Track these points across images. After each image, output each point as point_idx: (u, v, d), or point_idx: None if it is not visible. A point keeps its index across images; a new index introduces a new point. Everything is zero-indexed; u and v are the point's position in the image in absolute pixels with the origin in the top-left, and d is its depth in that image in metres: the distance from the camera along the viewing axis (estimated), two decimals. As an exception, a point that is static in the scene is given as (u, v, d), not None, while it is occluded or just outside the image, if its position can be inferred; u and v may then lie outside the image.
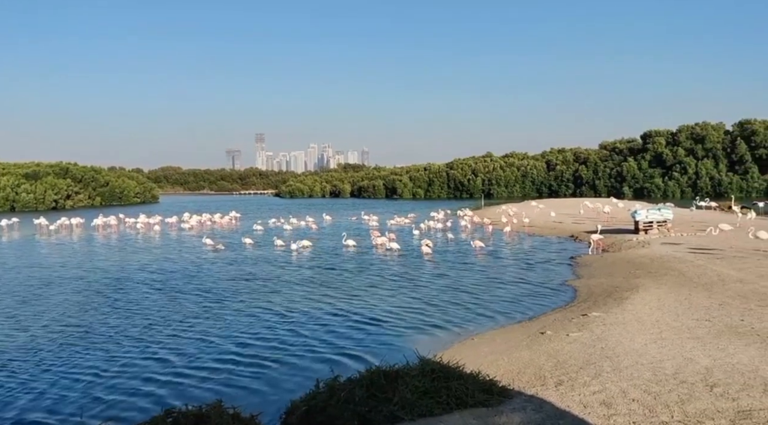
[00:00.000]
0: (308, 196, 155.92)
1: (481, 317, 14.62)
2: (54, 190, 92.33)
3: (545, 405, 7.10)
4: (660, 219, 30.13)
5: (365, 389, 6.98)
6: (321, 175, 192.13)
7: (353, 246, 30.32)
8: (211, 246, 31.95)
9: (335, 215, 61.69)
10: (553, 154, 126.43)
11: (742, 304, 12.66)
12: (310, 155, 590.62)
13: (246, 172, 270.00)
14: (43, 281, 21.64)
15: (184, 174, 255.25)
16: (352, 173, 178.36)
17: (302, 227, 46.00)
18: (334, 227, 44.33)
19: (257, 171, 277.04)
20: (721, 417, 6.48)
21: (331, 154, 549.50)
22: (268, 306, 16.53)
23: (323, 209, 71.21)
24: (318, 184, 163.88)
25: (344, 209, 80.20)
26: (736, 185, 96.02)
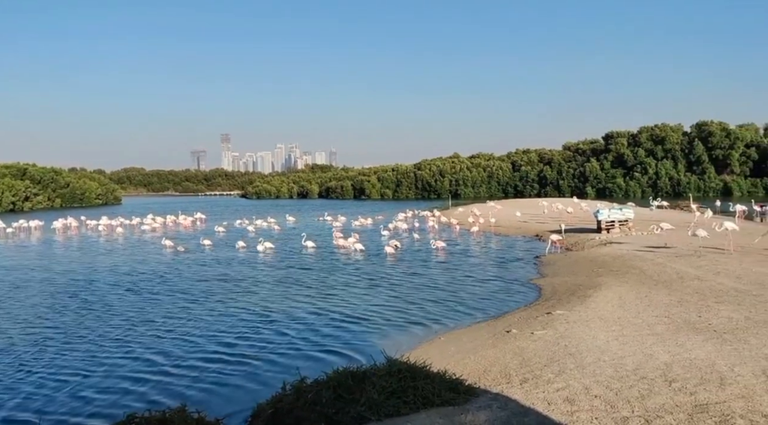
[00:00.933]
0: (275, 197, 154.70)
1: (448, 316, 14.73)
2: (11, 191, 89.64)
3: (510, 403, 7.19)
4: (621, 219, 30.83)
5: (332, 390, 6.96)
6: (288, 176, 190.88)
7: (313, 247, 30.24)
8: (171, 248, 31.57)
9: (300, 217, 61.41)
10: (518, 155, 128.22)
11: (699, 301, 13.04)
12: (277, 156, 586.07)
13: (211, 173, 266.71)
14: (7, 285, 21.03)
15: (148, 175, 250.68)
16: (320, 174, 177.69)
17: (265, 228, 45.67)
18: (297, 229, 44.08)
19: (223, 172, 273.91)
20: (680, 412, 6.66)
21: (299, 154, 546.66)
22: (232, 309, 16.36)
23: (289, 211, 70.77)
24: (285, 185, 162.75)
25: (312, 210, 79.80)
26: (694, 184, 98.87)
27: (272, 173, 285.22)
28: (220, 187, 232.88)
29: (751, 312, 11.61)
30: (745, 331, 10.12)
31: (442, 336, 12.62)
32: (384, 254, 27.18)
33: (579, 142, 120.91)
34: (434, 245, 28.79)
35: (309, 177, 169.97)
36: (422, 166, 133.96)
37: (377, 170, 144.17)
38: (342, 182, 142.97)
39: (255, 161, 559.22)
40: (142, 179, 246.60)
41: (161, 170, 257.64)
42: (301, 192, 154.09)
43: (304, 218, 59.55)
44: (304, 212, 72.06)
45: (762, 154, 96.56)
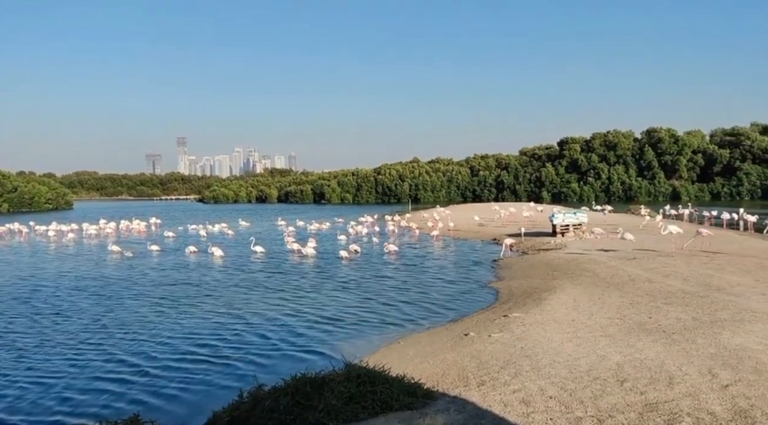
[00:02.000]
0: (233, 201, 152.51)
1: (407, 320, 14.78)
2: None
3: (468, 406, 7.26)
4: (575, 222, 31.59)
5: (290, 397, 6.90)
6: (247, 180, 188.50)
7: (262, 252, 29.97)
8: (118, 253, 30.95)
9: (255, 221, 60.81)
10: (476, 160, 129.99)
11: (650, 302, 13.45)
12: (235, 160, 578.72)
13: (167, 177, 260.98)
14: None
15: (101, 179, 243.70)
16: (279, 178, 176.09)
17: (216, 233, 45.04)
18: (251, 234, 43.57)
19: (179, 176, 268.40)
20: (631, 411, 6.85)
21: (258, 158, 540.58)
22: (184, 315, 16.04)
23: (246, 215, 69.89)
24: (244, 189, 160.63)
25: (270, 214, 78.92)
26: (644, 189, 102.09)
27: (230, 177, 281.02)
28: (177, 191, 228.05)
29: (698, 313, 12.05)
30: (693, 331, 10.49)
31: (401, 340, 12.66)
32: (339, 259, 27.09)
33: (535, 147, 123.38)
34: (386, 249, 28.89)
35: (268, 181, 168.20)
36: (382, 170, 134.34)
37: (337, 175, 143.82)
38: (302, 187, 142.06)
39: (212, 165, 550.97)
40: (95, 183, 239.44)
41: (115, 174, 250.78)
42: (260, 197, 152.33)
43: (259, 223, 58.92)
44: (260, 217, 71.26)
45: (708, 160, 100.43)
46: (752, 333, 10.16)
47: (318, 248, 30.29)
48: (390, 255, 27.86)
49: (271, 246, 33.37)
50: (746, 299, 13.23)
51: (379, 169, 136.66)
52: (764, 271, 17.19)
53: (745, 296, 13.49)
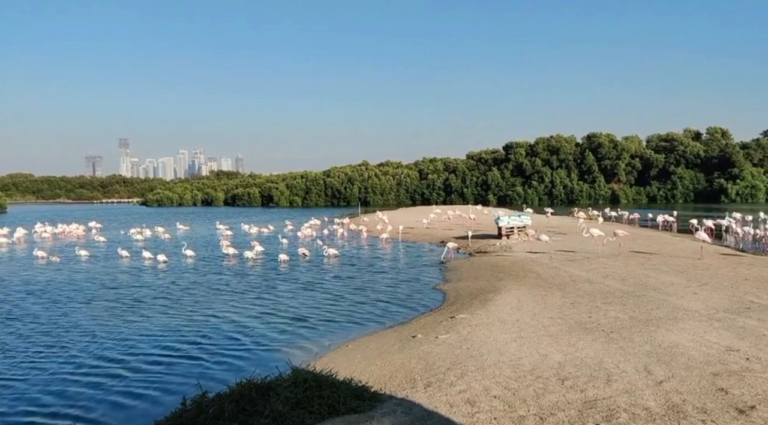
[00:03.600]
0: (178, 204, 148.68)
1: (355, 323, 14.77)
2: None
3: (414, 407, 7.32)
4: (520, 225, 32.34)
5: (235, 403, 6.79)
6: (192, 182, 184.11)
7: (192, 257, 29.44)
8: (44, 259, 29.91)
9: (196, 225, 59.60)
10: (425, 163, 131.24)
11: (590, 302, 13.91)
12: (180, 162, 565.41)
13: (108, 179, 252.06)
14: None
15: (37, 182, 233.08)
16: (225, 181, 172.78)
17: (150, 237, 43.92)
18: (189, 238, 42.59)
19: (121, 178, 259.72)
20: (571, 408, 7.07)
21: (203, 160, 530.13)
22: (121, 321, 15.53)
23: (190, 219, 68.40)
24: (189, 192, 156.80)
25: (214, 218, 77.26)
26: (585, 192, 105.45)
27: (175, 179, 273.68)
28: (118, 194, 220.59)
29: (634, 312, 12.54)
30: (630, 330, 10.92)
31: (349, 343, 12.64)
32: (280, 263, 26.82)
33: (481, 151, 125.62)
34: (325, 253, 28.71)
35: (214, 184, 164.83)
36: (332, 173, 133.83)
37: (286, 177, 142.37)
38: (249, 189, 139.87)
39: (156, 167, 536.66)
40: (31, 185, 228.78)
41: (52, 176, 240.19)
42: (206, 199, 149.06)
43: (198, 227, 57.72)
44: (202, 221, 69.74)
45: (645, 164, 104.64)
46: (684, 330, 10.66)
47: (260, 252, 29.89)
48: (329, 259, 27.78)
49: (206, 251, 32.87)
50: (679, 298, 13.86)
51: (328, 171, 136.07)
52: (696, 271, 18.05)
53: (679, 295, 14.13)
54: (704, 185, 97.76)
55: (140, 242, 39.71)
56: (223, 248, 31.36)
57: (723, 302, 13.10)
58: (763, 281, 15.90)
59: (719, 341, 9.83)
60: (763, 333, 10.23)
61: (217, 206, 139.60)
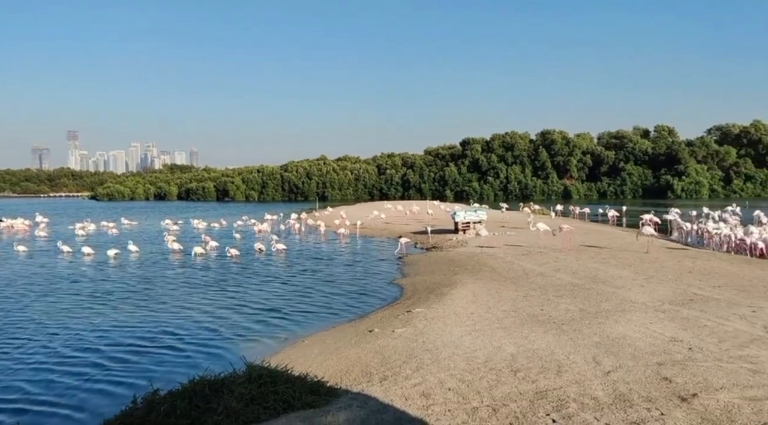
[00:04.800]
0: (130, 199, 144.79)
1: (312, 318, 14.72)
2: None
3: (370, 401, 7.35)
4: (476, 220, 32.78)
5: (187, 401, 6.67)
6: (144, 176, 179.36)
7: (136, 253, 28.89)
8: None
9: (145, 219, 58.31)
10: (383, 158, 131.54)
11: (542, 295, 14.23)
12: (131, 155, 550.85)
13: (56, 172, 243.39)
14: None
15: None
16: (179, 175, 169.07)
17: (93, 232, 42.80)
18: (136, 233, 41.60)
19: (69, 172, 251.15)
20: (523, 399, 7.22)
21: (156, 154, 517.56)
22: (65, 317, 15.05)
23: (139, 213, 66.82)
24: (141, 186, 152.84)
25: (168, 212, 75.65)
26: (539, 188, 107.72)
27: (126, 173, 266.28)
28: (66, 188, 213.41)
29: (584, 304, 12.89)
30: (580, 322, 11.22)
31: (305, 338, 12.58)
32: (231, 258, 26.50)
33: (439, 147, 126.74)
34: (273, 249, 28.49)
35: (167, 178, 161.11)
36: (289, 167, 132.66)
37: (242, 171, 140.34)
38: (204, 184, 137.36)
39: (107, 161, 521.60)
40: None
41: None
42: (159, 194, 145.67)
43: (147, 221, 56.42)
44: (152, 215, 68.15)
45: (595, 160, 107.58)
46: (631, 321, 11.03)
47: (214, 247, 29.43)
48: (283, 254, 27.58)
49: (152, 247, 32.21)
50: (627, 290, 14.32)
51: (285, 166, 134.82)
52: (643, 264, 18.68)
53: (626, 288, 14.61)
54: (652, 181, 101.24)
55: (82, 237, 38.56)
56: (168, 243, 30.69)
57: (668, 295, 13.60)
58: (705, 273, 16.59)
59: (664, 332, 10.21)
60: (704, 324, 10.67)
61: (171, 200, 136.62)
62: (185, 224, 48.46)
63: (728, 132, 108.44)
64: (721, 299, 12.85)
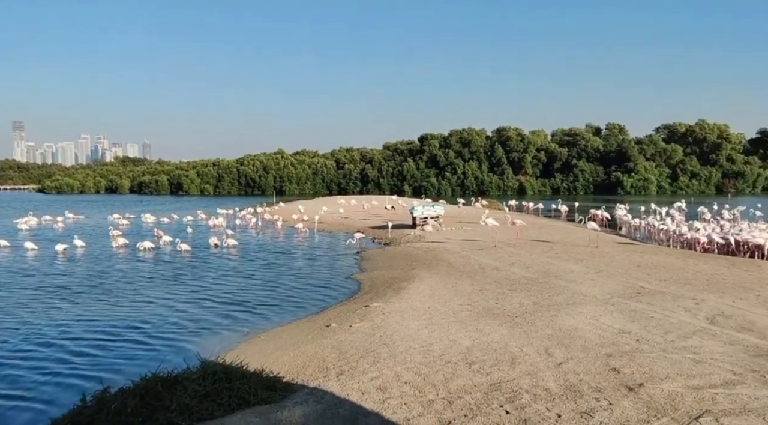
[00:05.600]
0: (79, 192, 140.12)
1: (268, 314, 14.58)
2: None
3: (327, 396, 7.35)
4: (434, 215, 33.09)
5: (139, 398, 6.53)
6: (95, 169, 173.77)
7: (83, 247, 28.09)
8: None
9: (93, 213, 56.64)
10: (342, 153, 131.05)
11: (497, 289, 14.48)
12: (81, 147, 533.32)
13: (0, 164, 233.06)
14: None
15: None
16: (131, 168, 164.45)
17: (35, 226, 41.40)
18: (83, 227, 40.35)
19: (15, 164, 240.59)
20: (477, 391, 7.35)
21: (107, 146, 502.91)
22: (18, 316, 14.51)
23: (88, 206, 64.80)
24: (91, 179, 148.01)
25: (119, 206, 73.57)
26: (495, 184, 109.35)
27: (76, 165, 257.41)
28: (12, 180, 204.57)
29: (538, 298, 13.18)
30: (533, 315, 11.47)
31: (261, 334, 12.46)
32: (182, 252, 26.03)
33: (397, 142, 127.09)
34: (225, 243, 28.08)
35: (119, 171, 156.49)
36: (245, 161, 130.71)
37: (196, 165, 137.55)
38: (157, 177, 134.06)
39: (55, 153, 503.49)
40: None
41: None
42: (110, 187, 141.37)
43: (95, 215, 54.78)
44: (102, 208, 66.21)
45: (549, 157, 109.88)
46: (582, 314, 11.34)
47: (168, 241, 28.82)
48: (240, 249, 27.24)
49: (100, 240, 31.40)
50: (578, 284, 14.71)
51: (242, 159, 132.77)
52: (593, 258, 19.21)
53: (578, 282, 15.00)
54: (603, 177, 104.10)
55: (27, 232, 37.18)
56: (113, 238, 29.82)
57: (617, 288, 14.04)
58: (652, 267, 17.18)
59: (613, 324, 10.54)
60: (651, 316, 11.07)
61: (123, 194, 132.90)
62: (136, 219, 47.21)
63: (675, 131, 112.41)
64: (667, 292, 13.34)
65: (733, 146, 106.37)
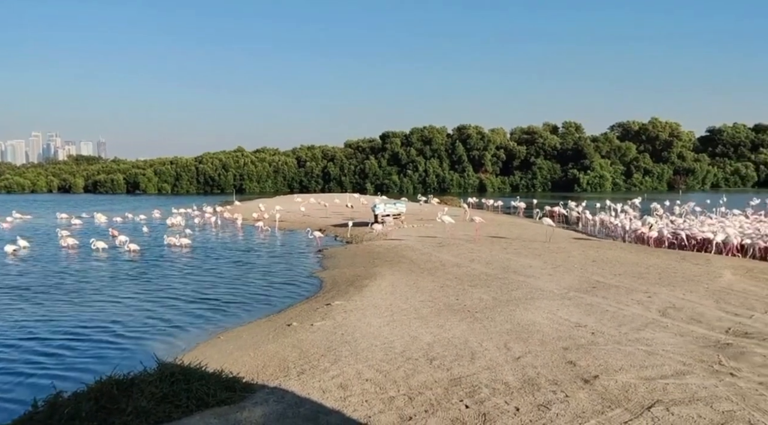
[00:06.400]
0: (30, 191, 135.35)
1: (229, 314, 14.39)
2: None
3: (287, 395, 7.31)
4: (395, 212, 33.24)
5: (93, 401, 6.37)
6: (47, 167, 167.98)
7: (25, 248, 27.18)
8: None
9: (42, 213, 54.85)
10: (303, 151, 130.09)
11: (457, 285, 14.64)
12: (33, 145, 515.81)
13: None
14: None
15: None
16: (85, 166, 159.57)
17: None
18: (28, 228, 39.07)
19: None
20: (438, 387, 7.43)
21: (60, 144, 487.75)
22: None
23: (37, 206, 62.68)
24: (43, 178, 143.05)
25: (71, 206, 71.31)
26: (456, 181, 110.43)
27: (26, 164, 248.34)
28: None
29: (497, 293, 13.39)
30: (493, 310, 11.65)
31: (221, 335, 12.30)
32: (129, 252, 25.50)
33: (359, 140, 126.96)
34: (180, 242, 27.58)
35: (72, 169, 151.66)
36: (204, 159, 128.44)
37: (154, 163, 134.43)
38: (113, 176, 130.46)
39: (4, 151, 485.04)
40: None
41: None
42: (63, 186, 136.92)
43: (44, 215, 53.05)
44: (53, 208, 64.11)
45: (509, 155, 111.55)
46: (540, 308, 11.57)
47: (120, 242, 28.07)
48: (183, 248, 26.75)
49: (45, 241, 30.47)
50: (536, 279, 15.00)
51: (200, 158, 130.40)
52: (551, 254, 19.61)
53: (536, 277, 15.29)
54: (560, 175, 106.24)
55: None
56: (61, 239, 28.88)
57: (573, 283, 14.37)
58: (607, 262, 17.64)
59: (569, 318, 10.79)
60: (606, 309, 11.37)
61: (77, 193, 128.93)
62: (89, 218, 45.88)
63: (629, 129, 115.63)
64: (621, 286, 13.72)
65: (683, 143, 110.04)
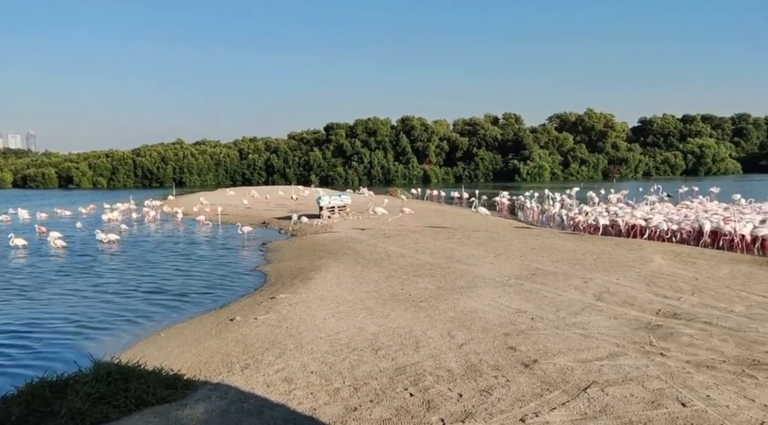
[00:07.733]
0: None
1: (170, 311, 14.02)
2: None
3: (230, 391, 7.21)
4: (340, 204, 33.12)
5: (24, 405, 6.11)
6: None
7: None
8: None
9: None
10: (245, 143, 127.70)
11: (403, 275, 14.77)
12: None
13: None
14: None
15: None
16: (14, 160, 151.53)
17: None
18: None
19: None
20: (383, 376, 7.49)
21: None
22: None
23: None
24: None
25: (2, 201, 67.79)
26: (401, 173, 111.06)
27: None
28: None
29: (441, 282, 13.59)
30: (437, 299, 11.82)
31: (161, 332, 11.98)
32: (57, 248, 24.54)
33: (303, 132, 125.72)
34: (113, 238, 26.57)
35: (0, 164, 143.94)
36: (142, 152, 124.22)
37: (88, 156, 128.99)
38: (44, 170, 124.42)
39: None
40: None
41: None
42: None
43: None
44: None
45: (452, 146, 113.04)
46: (482, 296, 11.82)
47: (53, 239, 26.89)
48: (112, 244, 25.88)
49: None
50: (479, 267, 15.31)
51: (138, 150, 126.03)
52: (492, 242, 20.05)
53: (478, 265, 15.61)
54: (501, 165, 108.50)
55: None
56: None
57: (514, 270, 14.74)
58: (546, 250, 18.18)
59: (510, 304, 11.08)
60: (545, 295, 11.73)
61: (5, 188, 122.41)
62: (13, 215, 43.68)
63: (566, 120, 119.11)
64: (559, 273, 14.18)
65: (617, 134, 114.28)
